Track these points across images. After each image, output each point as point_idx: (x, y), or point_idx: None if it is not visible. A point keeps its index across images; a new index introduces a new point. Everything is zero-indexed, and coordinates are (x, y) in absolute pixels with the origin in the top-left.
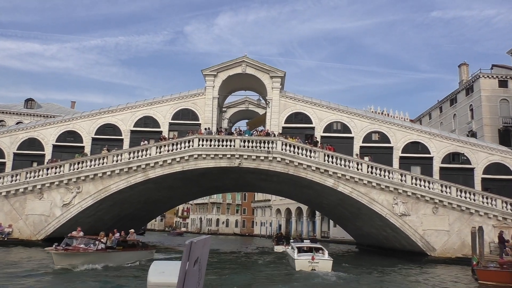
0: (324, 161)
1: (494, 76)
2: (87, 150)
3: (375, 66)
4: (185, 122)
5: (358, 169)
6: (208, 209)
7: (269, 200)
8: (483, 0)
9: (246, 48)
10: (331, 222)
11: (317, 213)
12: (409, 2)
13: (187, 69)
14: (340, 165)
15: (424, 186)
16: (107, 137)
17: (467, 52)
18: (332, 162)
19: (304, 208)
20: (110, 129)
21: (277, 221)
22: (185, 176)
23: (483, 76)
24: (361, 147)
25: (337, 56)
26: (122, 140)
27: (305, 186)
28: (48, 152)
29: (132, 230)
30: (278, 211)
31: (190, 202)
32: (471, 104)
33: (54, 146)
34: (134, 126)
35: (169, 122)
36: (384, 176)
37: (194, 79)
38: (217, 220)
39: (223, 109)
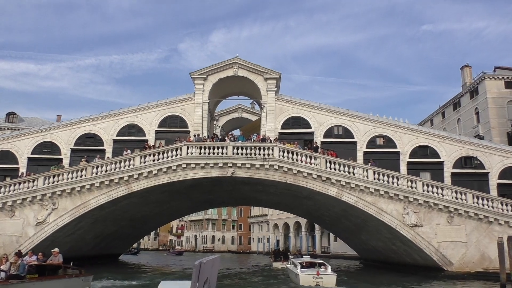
0: (326, 168)
1: (500, 77)
2: (66, 162)
3: (368, 80)
4: (173, 129)
5: (364, 176)
6: (203, 226)
7: (266, 215)
8: (473, 13)
9: None
10: (332, 236)
11: (317, 227)
12: (400, 16)
13: (181, 86)
14: (344, 172)
15: (437, 193)
16: (88, 148)
17: (458, 64)
18: (335, 169)
19: (303, 222)
20: (91, 139)
21: (275, 237)
22: (173, 189)
23: (488, 77)
24: (365, 153)
25: (331, 70)
26: (104, 150)
27: (305, 197)
28: (22, 166)
29: (56, 250)
30: (276, 226)
31: (185, 219)
32: (476, 107)
33: (29, 158)
34: (117, 135)
35: (155, 130)
36: (393, 183)
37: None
38: (213, 237)
39: (215, 117)
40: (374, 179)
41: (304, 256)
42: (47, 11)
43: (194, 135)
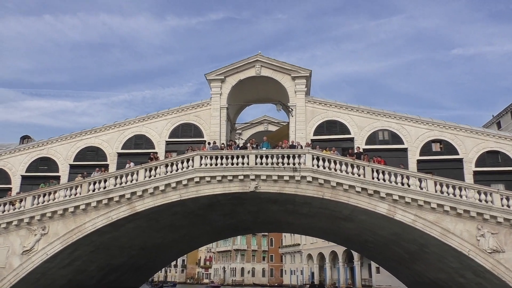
0: (373, 178)
1: None
2: (64, 180)
3: (397, 106)
4: (186, 140)
5: (421, 188)
6: (231, 257)
7: (299, 245)
8: (503, 35)
9: None
10: (374, 267)
11: (355, 256)
12: (428, 41)
13: None
14: (396, 183)
15: None
16: (89, 163)
17: (491, 87)
18: (384, 180)
19: (340, 251)
20: (92, 153)
21: (309, 269)
22: (186, 210)
23: None
24: (418, 161)
25: (359, 98)
26: (107, 166)
27: (345, 218)
28: (15, 185)
29: None
30: (310, 256)
31: (213, 250)
32: None
33: (23, 177)
34: (122, 148)
35: (166, 141)
36: (461, 196)
37: None
38: (242, 269)
39: (238, 131)
40: (436, 191)
41: None
42: (83, 51)
43: (209, 143)
